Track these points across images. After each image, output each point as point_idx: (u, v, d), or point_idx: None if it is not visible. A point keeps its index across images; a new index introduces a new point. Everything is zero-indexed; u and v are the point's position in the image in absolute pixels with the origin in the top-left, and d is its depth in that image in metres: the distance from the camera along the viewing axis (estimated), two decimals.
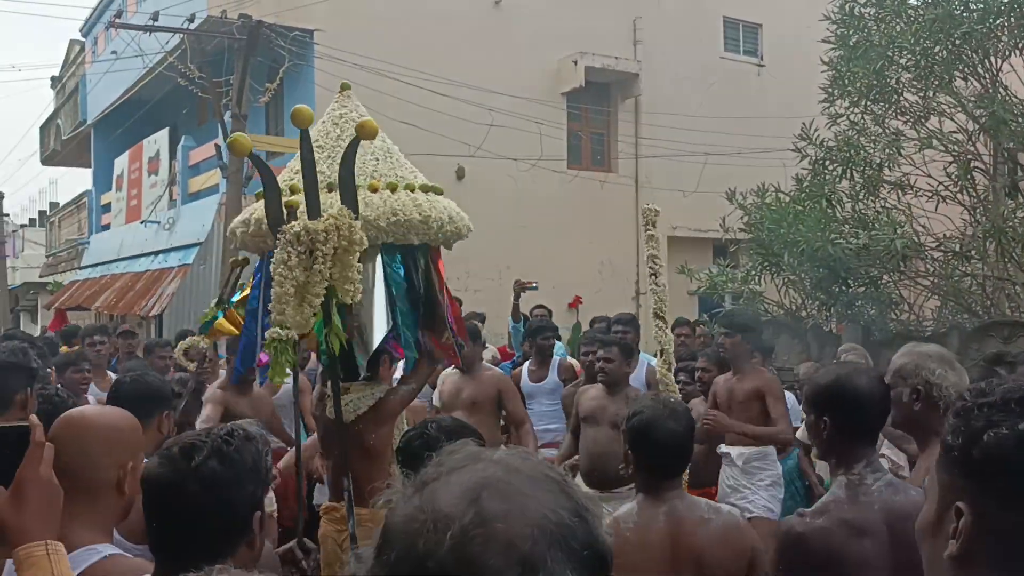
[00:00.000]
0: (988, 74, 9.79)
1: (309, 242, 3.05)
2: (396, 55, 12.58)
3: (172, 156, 16.45)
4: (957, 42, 9.52)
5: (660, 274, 4.52)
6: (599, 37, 15.00)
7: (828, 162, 10.28)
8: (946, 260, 9.59)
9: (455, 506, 0.82)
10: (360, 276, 3.20)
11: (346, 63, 11.78)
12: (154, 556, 1.80)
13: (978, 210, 9.90)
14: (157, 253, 16.20)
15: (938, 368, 2.53)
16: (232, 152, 3.13)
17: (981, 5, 9.43)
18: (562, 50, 14.91)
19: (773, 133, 12.92)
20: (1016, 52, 9.68)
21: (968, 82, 9.92)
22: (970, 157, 9.83)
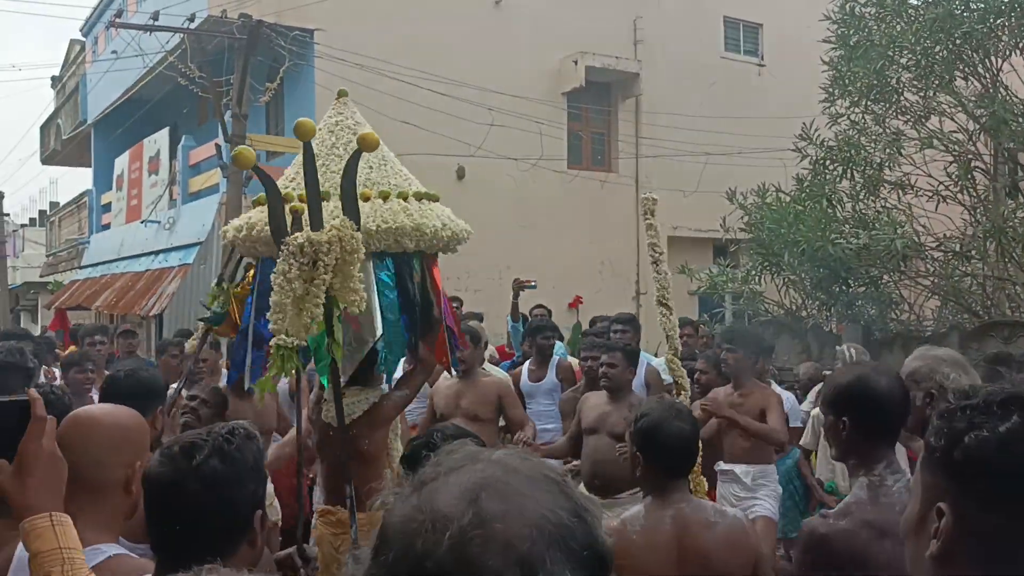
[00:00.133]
0: (989, 74, 9.79)
1: (312, 253, 3.07)
2: (396, 55, 12.58)
3: (172, 156, 16.43)
4: (958, 42, 9.52)
5: (661, 262, 4.44)
6: (599, 37, 14.99)
7: (828, 162, 10.29)
8: (946, 260, 9.59)
9: (454, 506, 0.82)
10: (363, 285, 3.22)
11: (346, 63, 11.79)
12: (155, 555, 1.80)
13: (978, 210, 9.91)
14: (157, 253, 16.19)
15: (952, 372, 2.53)
16: (236, 165, 3.13)
17: (981, 5, 9.43)
18: (562, 50, 14.90)
19: (773, 133, 12.92)
20: (1017, 52, 9.68)
21: (969, 82, 9.92)
22: (970, 157, 9.83)
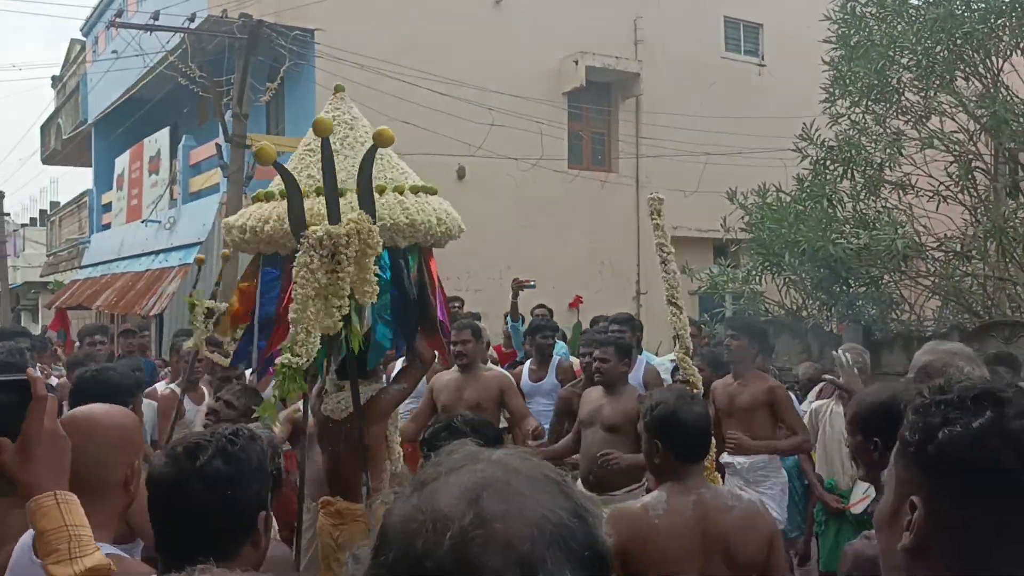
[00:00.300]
0: (989, 74, 9.78)
1: (332, 246, 3.09)
2: (396, 55, 12.58)
3: (173, 155, 16.44)
4: (958, 42, 9.51)
5: (670, 261, 4.38)
6: (600, 37, 14.99)
7: (829, 162, 10.28)
8: (947, 260, 9.59)
9: (454, 506, 0.82)
10: (377, 279, 3.24)
11: (346, 63, 11.79)
12: (159, 555, 1.80)
13: (979, 210, 9.90)
14: (158, 252, 16.18)
15: (966, 366, 2.54)
16: (258, 161, 3.16)
17: (982, 5, 9.42)
18: (563, 50, 14.90)
19: (774, 133, 12.91)
20: (1017, 52, 9.68)
21: (969, 82, 9.91)
22: (971, 157, 9.83)
